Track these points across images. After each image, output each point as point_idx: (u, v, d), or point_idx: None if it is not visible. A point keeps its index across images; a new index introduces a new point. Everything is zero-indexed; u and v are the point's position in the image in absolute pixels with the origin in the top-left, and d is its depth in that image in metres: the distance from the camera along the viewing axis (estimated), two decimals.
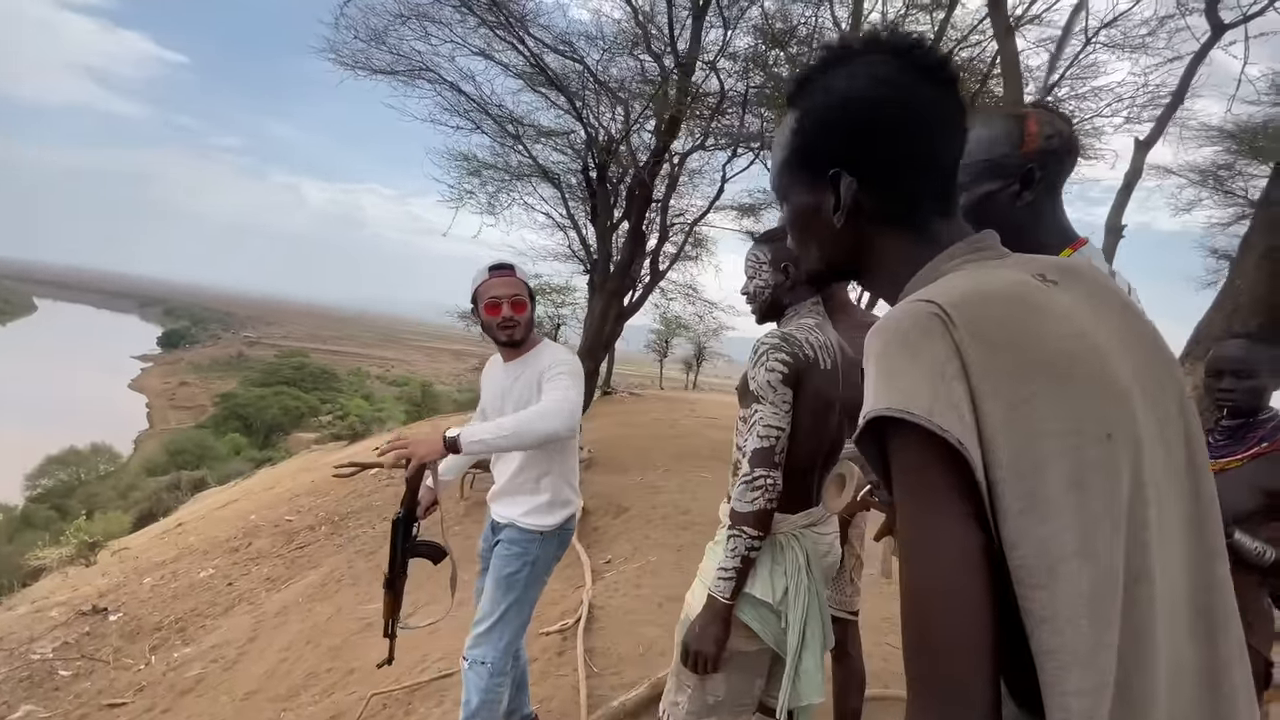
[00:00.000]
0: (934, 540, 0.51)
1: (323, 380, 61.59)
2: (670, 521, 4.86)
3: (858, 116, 0.63)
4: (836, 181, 0.65)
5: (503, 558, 2.00)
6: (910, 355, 0.54)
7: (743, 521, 1.37)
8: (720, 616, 1.39)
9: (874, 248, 0.68)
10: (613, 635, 3.06)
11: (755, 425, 1.40)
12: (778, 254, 1.55)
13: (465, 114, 7.90)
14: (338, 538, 6.87)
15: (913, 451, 0.52)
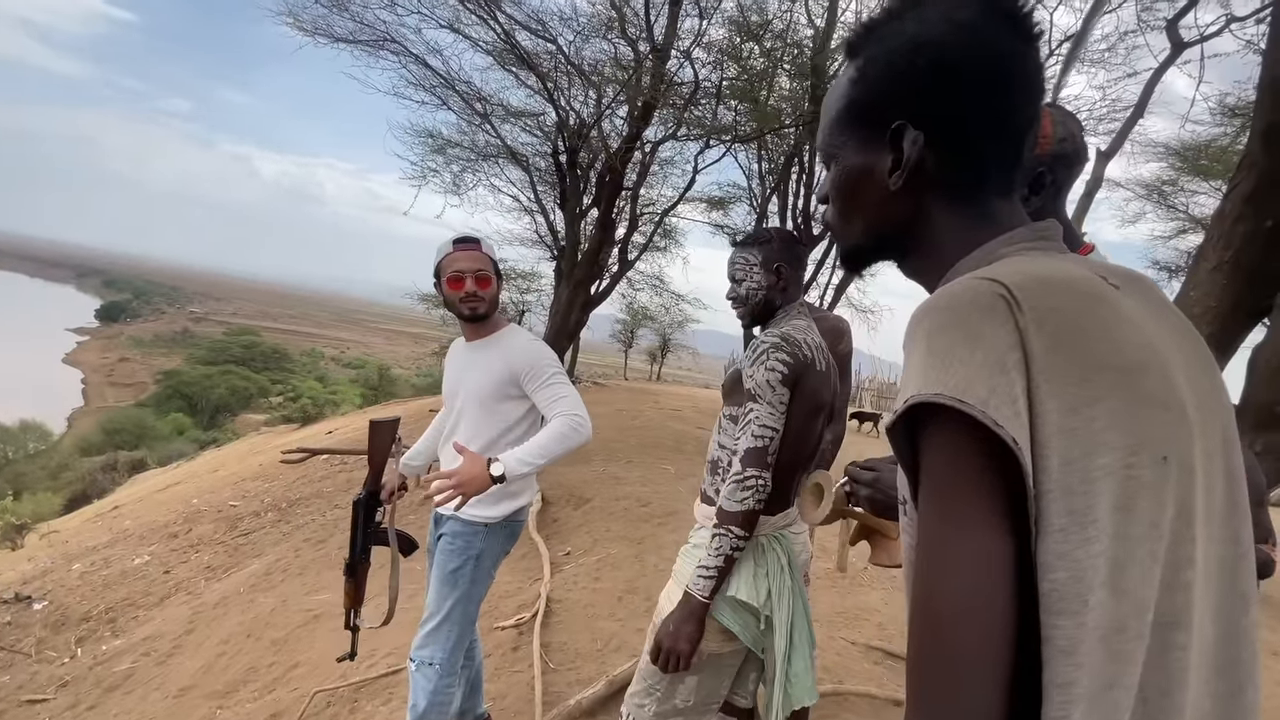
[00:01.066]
0: (963, 546, 0.46)
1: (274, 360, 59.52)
2: (631, 514, 4.82)
3: (930, 63, 0.56)
4: (899, 136, 0.58)
5: (446, 552, 1.92)
6: (968, 338, 0.47)
7: (730, 521, 1.35)
8: (696, 615, 1.36)
9: (928, 220, 0.60)
10: (570, 630, 3.01)
11: (750, 424, 1.38)
12: (769, 255, 1.53)
13: (431, 89, 7.63)
14: (284, 525, 6.61)
15: (955, 446, 0.47)
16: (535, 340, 1.96)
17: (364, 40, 7.47)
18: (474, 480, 1.65)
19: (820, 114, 0.68)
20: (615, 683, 2.44)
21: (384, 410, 18.16)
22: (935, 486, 0.48)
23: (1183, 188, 10.47)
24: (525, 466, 1.69)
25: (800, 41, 7.49)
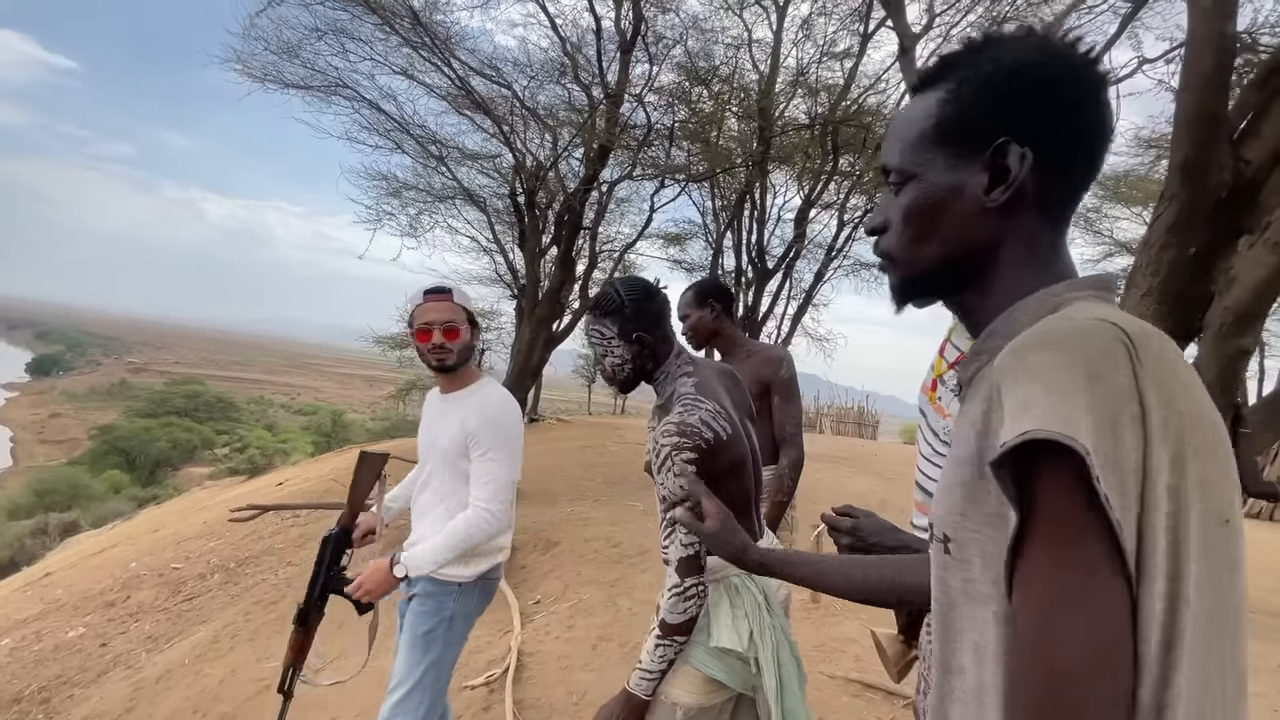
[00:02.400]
0: (1097, 595, 0.45)
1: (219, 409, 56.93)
2: (602, 555, 4.73)
3: (1035, 83, 0.57)
4: (1002, 153, 0.58)
5: (417, 614, 1.84)
6: (1089, 380, 0.46)
7: (675, 632, 1.32)
8: (638, 712, 1.35)
9: (1011, 246, 0.61)
10: (544, 684, 2.90)
11: (676, 532, 1.32)
12: (623, 326, 1.43)
13: (385, 133, 7.62)
14: (232, 586, 6.24)
15: (1075, 489, 0.46)
16: (500, 402, 1.88)
17: (316, 86, 7.44)
18: (379, 586, 1.78)
19: (889, 136, 0.67)
20: None
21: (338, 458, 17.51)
22: (1057, 525, 0.47)
23: (1106, 214, 11.21)
24: (427, 566, 1.76)
25: (746, 86, 7.81)
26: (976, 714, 0.55)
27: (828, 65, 7.80)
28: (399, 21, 5.93)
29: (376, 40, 7.07)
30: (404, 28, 6.00)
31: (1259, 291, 2.32)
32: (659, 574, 4.37)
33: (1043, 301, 0.59)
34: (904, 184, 0.64)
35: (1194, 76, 2.31)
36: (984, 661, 0.54)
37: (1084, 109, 0.58)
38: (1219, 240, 2.41)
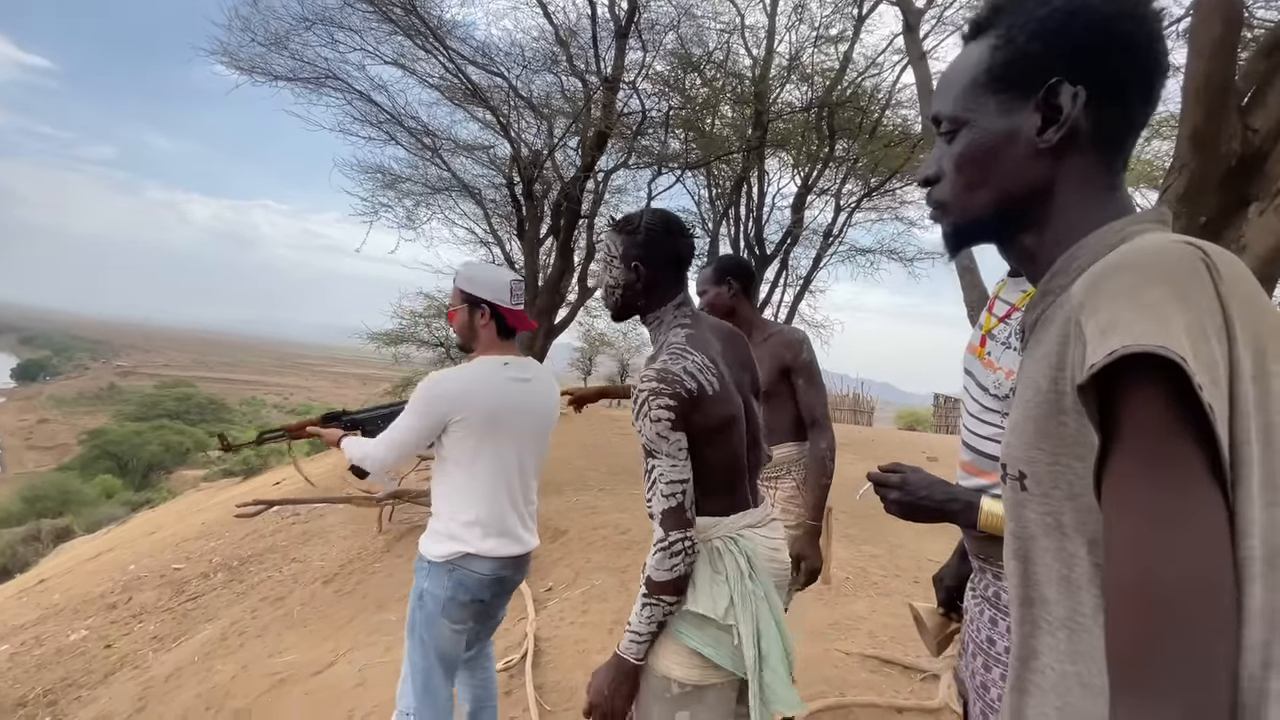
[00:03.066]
0: (1196, 511, 0.45)
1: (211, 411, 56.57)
2: (611, 542, 4.74)
3: (1088, 23, 0.57)
4: (1054, 93, 0.58)
5: (411, 593, 1.91)
6: (1176, 296, 0.47)
7: (661, 590, 1.25)
8: (629, 676, 1.30)
9: (1066, 187, 0.60)
10: (563, 668, 2.90)
11: (657, 483, 1.27)
12: (629, 249, 1.37)
13: (378, 125, 7.54)
14: (237, 585, 6.20)
15: (1168, 402, 0.45)
16: (442, 375, 1.91)
17: (305, 78, 7.34)
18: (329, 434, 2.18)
19: (941, 86, 0.67)
20: None
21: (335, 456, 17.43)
22: (1150, 439, 0.46)
23: None
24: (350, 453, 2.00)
25: (740, 72, 7.77)
26: (1069, 642, 0.55)
27: (823, 49, 7.78)
28: (391, 8, 5.85)
29: (367, 30, 6.99)
30: (396, 14, 5.92)
31: (1269, 258, 2.33)
32: None
33: (1105, 237, 0.58)
34: (956, 131, 0.64)
35: (1203, 44, 2.31)
36: (1075, 591, 0.54)
37: (1138, 46, 0.58)
38: (1229, 208, 2.42)
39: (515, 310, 1.89)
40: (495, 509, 1.85)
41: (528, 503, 1.96)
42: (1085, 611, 0.54)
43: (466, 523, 1.83)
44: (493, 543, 1.84)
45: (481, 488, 1.86)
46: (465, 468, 1.85)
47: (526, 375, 1.91)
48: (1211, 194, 2.38)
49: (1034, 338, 0.62)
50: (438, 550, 1.84)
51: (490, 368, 1.89)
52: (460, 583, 1.83)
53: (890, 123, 7.92)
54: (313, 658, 3.91)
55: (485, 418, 1.82)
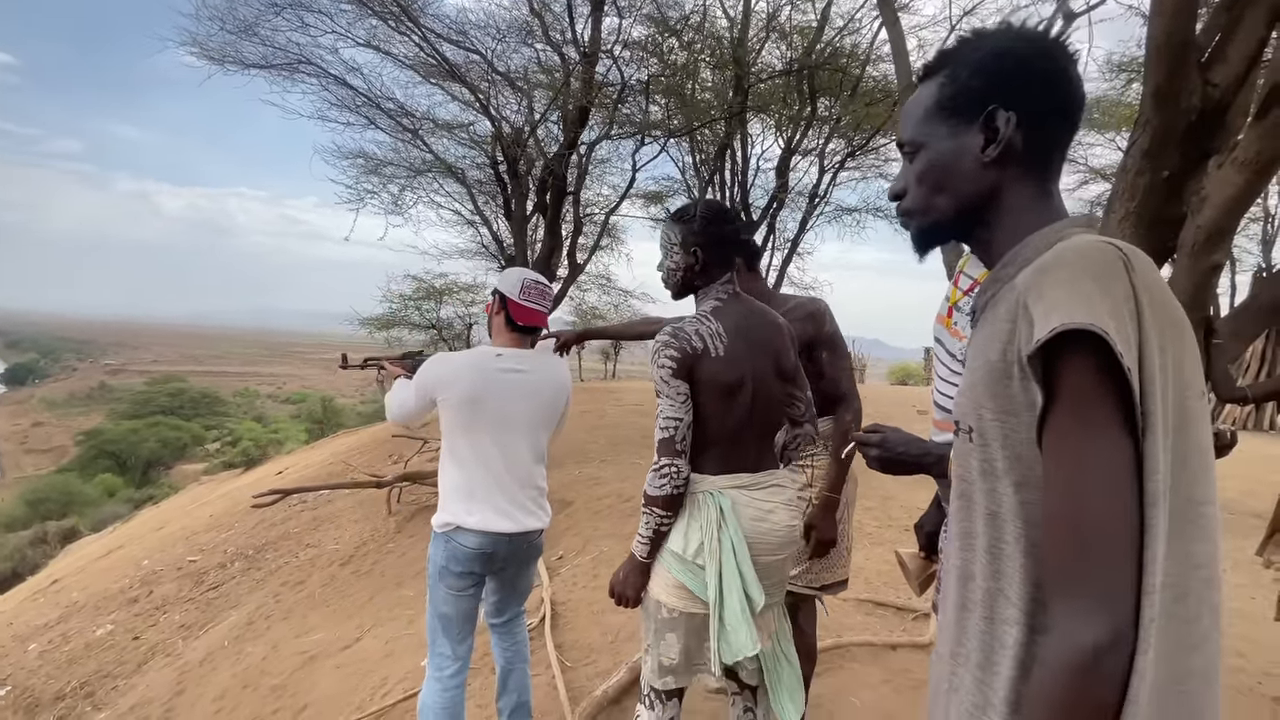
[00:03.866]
0: (1110, 446, 0.59)
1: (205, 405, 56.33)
2: (615, 511, 4.92)
3: (1015, 63, 0.72)
4: (993, 117, 0.72)
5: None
6: (1100, 286, 0.60)
7: (653, 504, 1.50)
8: (639, 570, 1.55)
9: (1008, 192, 0.74)
10: (579, 628, 3.09)
11: (658, 418, 1.49)
12: (686, 236, 1.56)
13: (355, 109, 7.46)
14: (256, 572, 6.39)
15: (1095, 369, 0.59)
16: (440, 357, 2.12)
17: (277, 65, 7.23)
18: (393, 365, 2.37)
19: (902, 118, 0.81)
20: (636, 668, 2.54)
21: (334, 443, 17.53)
22: (1078, 401, 0.60)
23: (1080, 141, 11.30)
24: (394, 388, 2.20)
25: (718, 34, 7.69)
26: (991, 565, 0.69)
27: (800, 8, 7.71)
28: None
29: (337, 12, 6.87)
30: None
31: (1228, 209, 2.45)
32: None
33: (1046, 235, 0.72)
34: (916, 153, 0.78)
35: (1164, 3, 2.39)
36: (1000, 524, 0.69)
37: (1053, 80, 0.72)
38: (1190, 162, 2.53)
39: (521, 305, 2.01)
40: (479, 487, 1.98)
41: (523, 485, 2.05)
42: (1007, 539, 0.67)
43: (454, 497, 1.99)
44: (477, 518, 1.96)
45: (466, 466, 2.00)
46: (452, 446, 2.03)
47: (521, 367, 2.03)
48: (1174, 149, 2.48)
49: (984, 317, 0.75)
50: (436, 520, 2.02)
51: (482, 356, 2.03)
52: (451, 554, 1.98)
53: (870, 80, 7.90)
54: (339, 635, 4.10)
55: (465, 400, 1.96)
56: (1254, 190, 2.53)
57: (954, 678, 0.72)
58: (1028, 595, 0.65)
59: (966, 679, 0.70)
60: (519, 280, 2.04)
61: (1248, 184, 2.46)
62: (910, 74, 4.24)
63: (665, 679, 1.55)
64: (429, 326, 15.06)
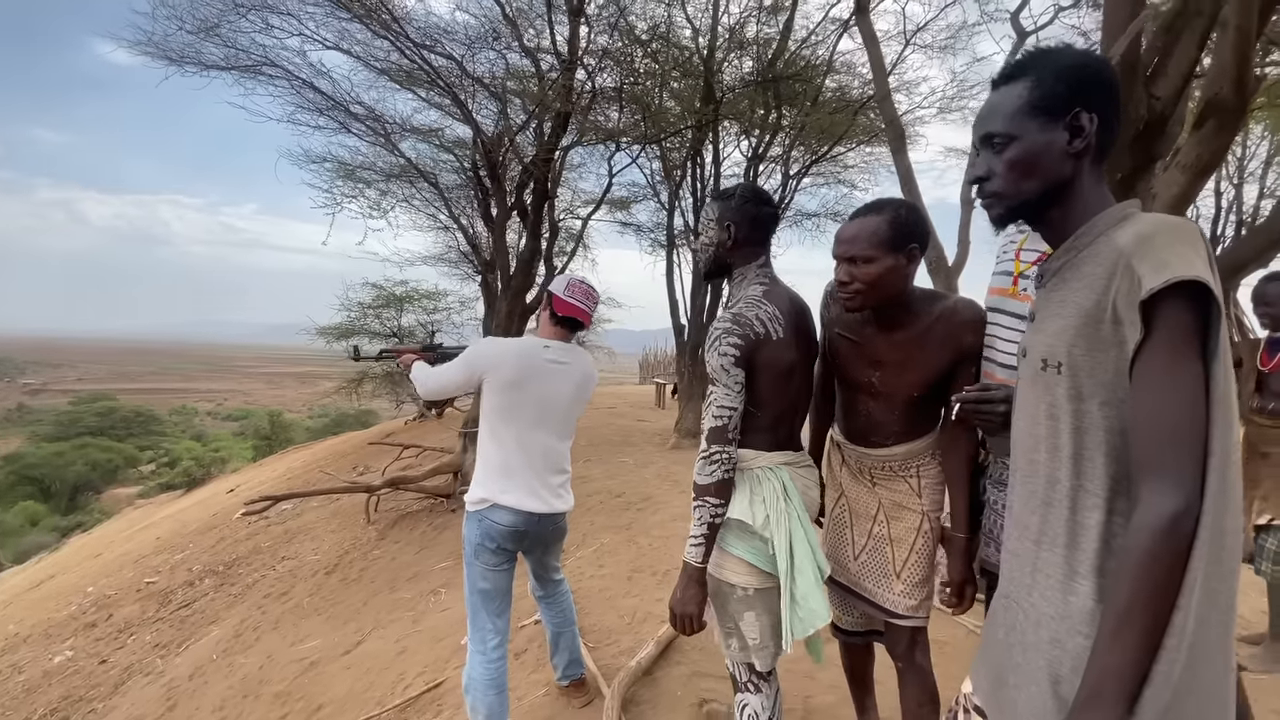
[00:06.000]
0: (1193, 373, 0.77)
1: (139, 424, 53.14)
2: (608, 506, 5.03)
3: (1092, 72, 0.89)
4: (1078, 118, 0.88)
5: None
6: (1195, 249, 0.79)
7: (705, 493, 1.46)
8: (695, 580, 1.48)
9: (1081, 179, 0.92)
10: (596, 613, 3.19)
11: (711, 405, 1.48)
12: (724, 212, 1.57)
13: (322, 111, 7.35)
14: (231, 588, 6.20)
15: (1193, 311, 0.77)
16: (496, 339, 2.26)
17: (240, 67, 7.08)
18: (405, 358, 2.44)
19: (989, 114, 0.96)
20: (662, 641, 2.67)
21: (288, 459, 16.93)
22: (1179, 335, 0.77)
23: None
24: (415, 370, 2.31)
25: (684, 44, 7.94)
26: (1074, 467, 0.87)
27: (764, 20, 8.02)
28: None
29: (304, 14, 6.78)
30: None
31: (1174, 205, 2.78)
32: (668, 514, 4.72)
33: (1114, 214, 0.90)
34: (1008, 144, 0.94)
35: (1114, 26, 2.70)
36: (1084, 435, 0.86)
37: (1116, 89, 0.91)
38: (1140, 165, 2.85)
39: (563, 299, 2.15)
40: (516, 467, 2.10)
41: (553, 470, 2.19)
42: (1090, 446, 0.85)
43: (492, 476, 2.10)
44: (512, 497, 2.08)
45: (505, 447, 2.11)
46: (493, 427, 2.13)
47: (564, 360, 2.17)
48: (1125, 153, 2.80)
49: (1059, 278, 0.93)
50: (470, 498, 2.12)
51: (532, 345, 2.17)
52: (486, 531, 2.09)
53: (829, 91, 8.28)
54: (337, 640, 4.07)
55: (510, 382, 2.08)
56: (1195, 189, 2.87)
57: (1038, 561, 0.90)
58: (1108, 488, 0.83)
59: (1054, 559, 0.87)
60: (566, 280, 2.20)
61: (1189, 183, 2.80)
62: (887, 84, 4.56)
63: (760, 656, 1.56)
64: (390, 334, 14.78)
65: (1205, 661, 0.75)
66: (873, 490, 1.65)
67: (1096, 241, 0.88)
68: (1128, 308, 0.80)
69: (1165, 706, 0.74)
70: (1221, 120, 2.72)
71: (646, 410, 11.70)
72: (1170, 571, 0.74)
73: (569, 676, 2.44)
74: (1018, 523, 0.97)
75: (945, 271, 4.23)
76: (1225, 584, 0.76)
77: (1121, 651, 0.75)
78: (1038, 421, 0.92)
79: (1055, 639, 0.85)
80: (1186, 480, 0.75)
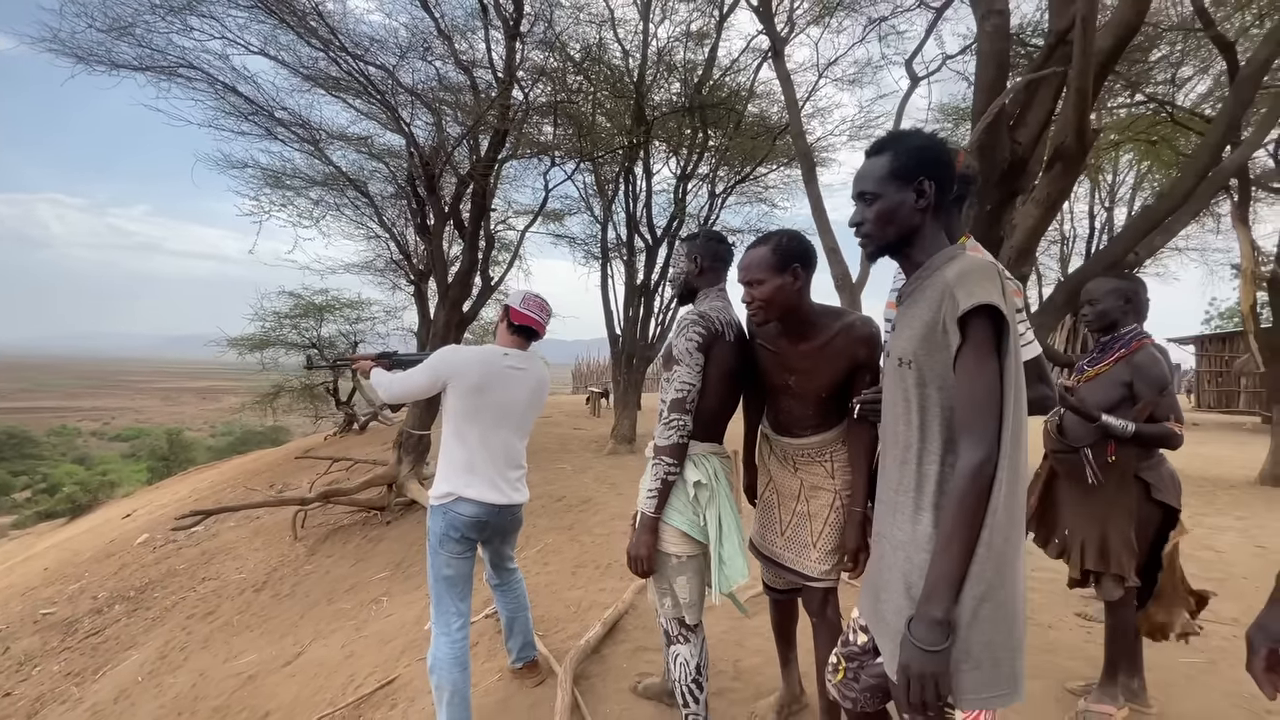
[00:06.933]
0: (992, 366, 1.09)
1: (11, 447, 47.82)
2: (550, 509, 5.20)
3: (933, 154, 1.21)
4: (922, 185, 1.21)
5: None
6: (993, 283, 1.10)
7: (663, 452, 1.79)
8: (648, 527, 1.81)
9: (925, 229, 1.24)
10: (543, 606, 3.38)
11: (674, 380, 1.81)
12: (692, 249, 2.00)
13: (248, 116, 7.17)
14: (146, 611, 5.89)
15: (991, 325, 1.09)
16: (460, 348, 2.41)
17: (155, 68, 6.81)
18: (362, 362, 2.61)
19: (863, 176, 1.28)
20: (608, 622, 2.90)
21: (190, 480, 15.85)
22: (978, 344, 1.10)
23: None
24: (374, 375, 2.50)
25: (615, 65, 8.29)
26: (921, 434, 1.19)
27: (690, 47, 8.50)
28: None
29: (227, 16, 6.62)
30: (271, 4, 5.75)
31: (1030, 234, 3.33)
32: (608, 515, 4.97)
33: (945, 254, 1.24)
34: (875, 200, 1.27)
35: (984, 83, 3.23)
36: (926, 411, 1.19)
37: (949, 165, 1.26)
38: (1004, 200, 3.39)
39: (518, 310, 2.40)
40: (478, 462, 2.30)
41: (511, 466, 2.41)
42: (930, 418, 1.18)
43: (456, 472, 2.29)
44: (475, 490, 2.27)
45: (469, 445, 2.31)
46: (458, 428, 2.31)
47: (522, 366, 2.40)
48: (994, 189, 3.33)
49: (911, 298, 1.26)
50: (435, 493, 2.30)
51: (492, 353, 2.38)
52: (450, 522, 2.27)
53: (752, 116, 8.86)
54: (275, 654, 4.03)
55: (474, 387, 2.29)
56: (1047, 221, 3.45)
57: (897, 504, 1.22)
58: (942, 447, 1.16)
59: (907, 501, 1.20)
60: (522, 294, 2.44)
61: (1043, 216, 3.36)
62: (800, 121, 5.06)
63: (690, 612, 1.90)
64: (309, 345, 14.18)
65: (1007, 563, 1.09)
66: (795, 474, 1.96)
67: (933, 274, 1.22)
68: (951, 322, 1.13)
69: (980, 596, 1.07)
70: (1066, 164, 3.30)
71: (582, 419, 11.88)
72: (979, 501, 1.08)
73: (523, 659, 2.63)
74: (885, 478, 1.30)
75: (850, 288, 4.73)
76: (1018, 510, 1.11)
77: (948, 560, 1.08)
78: (896, 403, 1.25)
79: (908, 557, 1.17)
80: (989, 438, 1.08)
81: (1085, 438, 2.21)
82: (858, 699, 1.41)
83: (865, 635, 1.37)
